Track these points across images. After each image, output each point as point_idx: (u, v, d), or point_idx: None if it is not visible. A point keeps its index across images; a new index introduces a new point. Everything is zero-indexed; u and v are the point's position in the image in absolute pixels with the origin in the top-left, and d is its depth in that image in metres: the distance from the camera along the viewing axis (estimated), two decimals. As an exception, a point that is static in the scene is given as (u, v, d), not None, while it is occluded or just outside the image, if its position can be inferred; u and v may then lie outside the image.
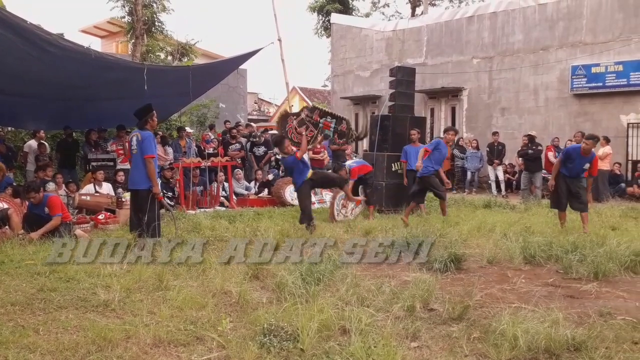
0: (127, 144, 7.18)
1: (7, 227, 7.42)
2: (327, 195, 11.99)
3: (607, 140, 13.20)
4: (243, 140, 14.35)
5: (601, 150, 13.01)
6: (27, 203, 7.72)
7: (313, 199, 11.96)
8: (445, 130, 9.99)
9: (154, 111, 7.20)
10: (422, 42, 18.64)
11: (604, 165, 13.06)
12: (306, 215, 8.34)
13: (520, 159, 14.13)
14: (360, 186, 10.39)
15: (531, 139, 13.08)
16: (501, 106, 16.82)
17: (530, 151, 13.01)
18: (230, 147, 13.56)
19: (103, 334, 3.71)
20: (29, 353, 3.50)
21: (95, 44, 25.84)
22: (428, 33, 18.51)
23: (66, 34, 9.25)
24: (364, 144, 19.59)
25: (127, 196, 9.72)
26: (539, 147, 13.08)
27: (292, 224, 8.59)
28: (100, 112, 12.64)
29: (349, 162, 11.00)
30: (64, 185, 10.35)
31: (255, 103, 38.43)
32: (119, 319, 4.19)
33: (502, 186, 14.98)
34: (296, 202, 11.52)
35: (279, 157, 14.43)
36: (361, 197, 10.13)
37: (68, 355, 3.47)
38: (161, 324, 3.98)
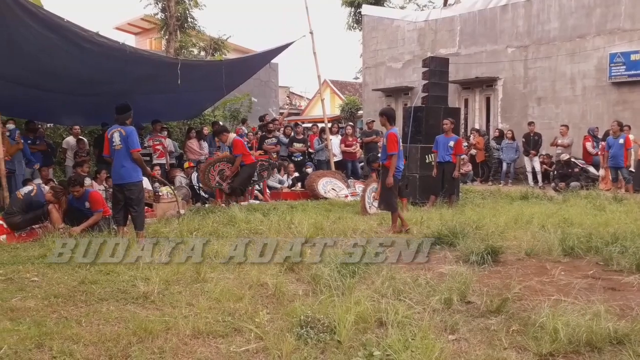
0: (105, 140, 7.29)
1: (47, 221, 7.62)
2: (359, 187, 11.96)
3: None
4: (280, 135, 14.38)
5: None
6: (67, 198, 7.88)
7: (345, 191, 12.01)
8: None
9: (132, 111, 7.42)
10: (455, 32, 18.38)
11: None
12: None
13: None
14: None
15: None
16: (537, 96, 16.48)
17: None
18: (266, 141, 13.63)
19: (143, 325, 3.79)
20: (72, 344, 3.59)
21: (130, 41, 26.18)
22: (461, 22, 18.25)
23: (101, 32, 9.38)
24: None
25: (163, 190, 9.90)
26: None
27: (326, 217, 8.60)
28: (135, 107, 12.80)
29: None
30: (104, 181, 10.55)
31: (288, 97, 38.53)
32: (158, 310, 4.26)
33: (539, 177, 14.70)
34: (329, 194, 11.64)
35: (311, 151, 14.49)
36: None
37: (110, 346, 3.54)
38: (200, 316, 4.03)
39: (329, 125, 14.52)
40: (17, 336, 3.69)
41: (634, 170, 12.71)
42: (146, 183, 10.59)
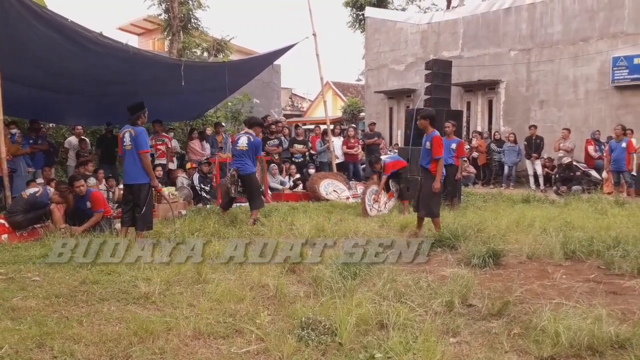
0: (118, 140, 7.32)
1: (49, 221, 7.63)
2: (361, 189, 11.95)
3: None
4: (281, 136, 14.37)
5: None
6: (73, 196, 7.88)
7: (347, 193, 12.00)
8: None
9: (146, 109, 7.35)
10: (458, 35, 18.39)
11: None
12: None
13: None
14: (391, 180, 10.30)
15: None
16: (540, 99, 16.49)
17: None
18: (268, 142, 13.61)
19: (144, 325, 3.79)
20: (73, 344, 3.59)
21: (132, 42, 26.25)
22: (464, 25, 18.26)
23: (104, 32, 9.40)
24: (399, 138, 19.50)
25: (165, 191, 9.89)
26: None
27: (327, 218, 8.59)
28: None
29: (383, 157, 10.94)
30: (104, 180, 10.58)
31: (290, 98, 38.54)
32: (159, 311, 4.26)
33: (541, 180, 14.67)
34: (330, 196, 11.63)
35: (313, 153, 14.47)
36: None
37: (111, 347, 3.54)
38: (201, 317, 4.03)
39: (331, 127, 14.52)
40: (18, 336, 3.69)
41: (636, 174, 12.68)
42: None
